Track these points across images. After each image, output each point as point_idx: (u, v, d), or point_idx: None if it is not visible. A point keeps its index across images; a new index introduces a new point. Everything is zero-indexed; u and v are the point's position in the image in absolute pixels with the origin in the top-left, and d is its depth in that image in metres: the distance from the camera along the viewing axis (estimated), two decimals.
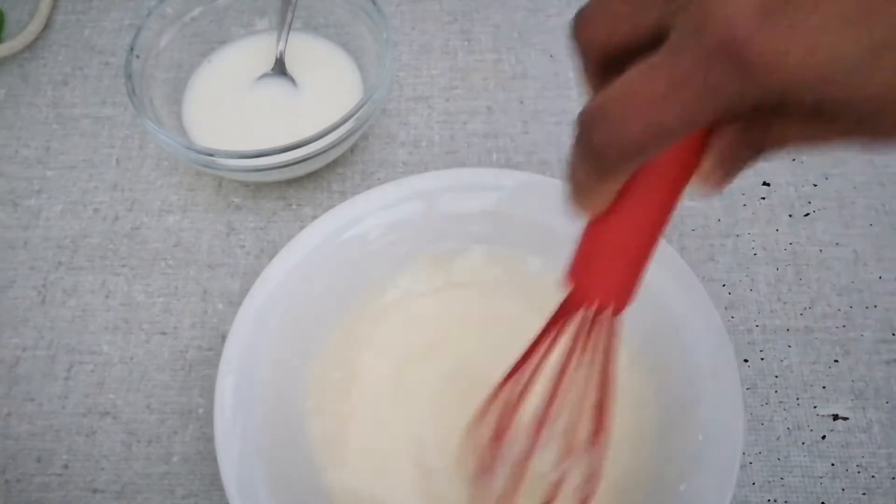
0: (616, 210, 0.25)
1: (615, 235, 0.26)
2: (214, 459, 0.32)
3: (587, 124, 0.21)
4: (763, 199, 0.44)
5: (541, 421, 0.30)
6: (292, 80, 0.47)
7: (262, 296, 0.36)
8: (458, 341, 0.39)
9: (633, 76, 0.20)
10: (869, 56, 0.17)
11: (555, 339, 0.29)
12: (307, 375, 0.37)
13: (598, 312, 0.27)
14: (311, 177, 0.46)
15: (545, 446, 0.31)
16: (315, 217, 0.38)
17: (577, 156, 0.22)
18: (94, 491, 0.37)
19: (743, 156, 0.23)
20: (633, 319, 0.37)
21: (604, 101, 0.20)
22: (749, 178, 0.45)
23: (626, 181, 0.23)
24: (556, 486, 0.31)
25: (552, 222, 0.38)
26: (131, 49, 0.43)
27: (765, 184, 0.45)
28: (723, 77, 0.18)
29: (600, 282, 0.27)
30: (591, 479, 0.31)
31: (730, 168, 0.24)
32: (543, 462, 0.32)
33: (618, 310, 0.27)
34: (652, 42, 0.20)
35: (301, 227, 0.38)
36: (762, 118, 0.20)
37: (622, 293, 0.27)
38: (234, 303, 0.42)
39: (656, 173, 0.24)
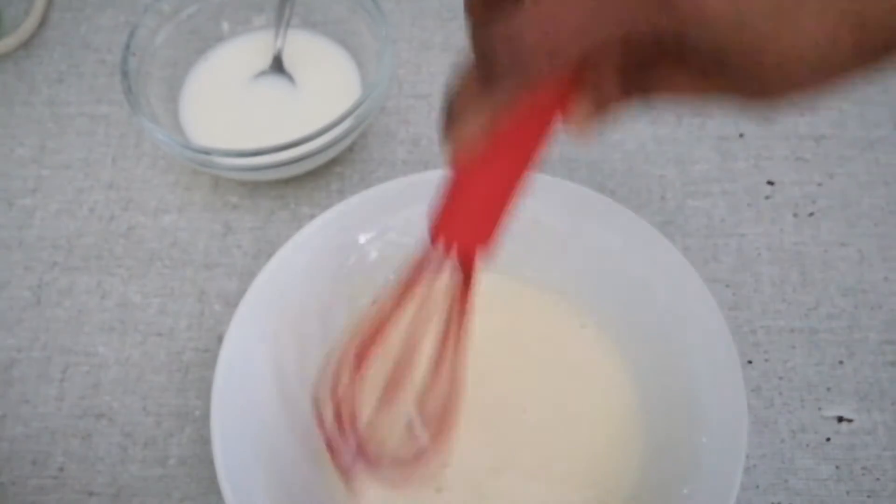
0: (484, 152, 0.25)
1: (479, 176, 0.26)
2: (211, 462, 0.32)
3: (506, 37, 0.21)
4: (767, 198, 0.44)
5: (392, 383, 0.31)
6: (290, 77, 0.46)
7: (260, 297, 0.36)
8: None
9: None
10: (793, 4, 0.18)
11: (411, 291, 0.30)
12: (306, 378, 0.36)
13: (459, 257, 0.28)
14: (310, 175, 0.45)
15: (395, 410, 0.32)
16: (313, 216, 0.38)
17: (474, 71, 0.23)
18: (90, 494, 0.37)
19: (615, 94, 0.24)
20: (635, 320, 0.37)
21: (521, 19, 0.21)
22: (753, 176, 0.44)
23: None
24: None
25: (553, 221, 0.38)
26: (127, 47, 0.43)
27: (769, 183, 0.44)
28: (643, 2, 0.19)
29: (461, 225, 0.27)
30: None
31: (600, 104, 0.24)
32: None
33: (475, 253, 0.28)
34: None
35: (299, 227, 0.37)
36: (653, 56, 0.22)
37: (482, 236, 0.27)
38: (231, 304, 0.41)
39: (526, 113, 0.24)
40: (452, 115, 0.25)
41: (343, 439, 0.32)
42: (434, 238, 0.28)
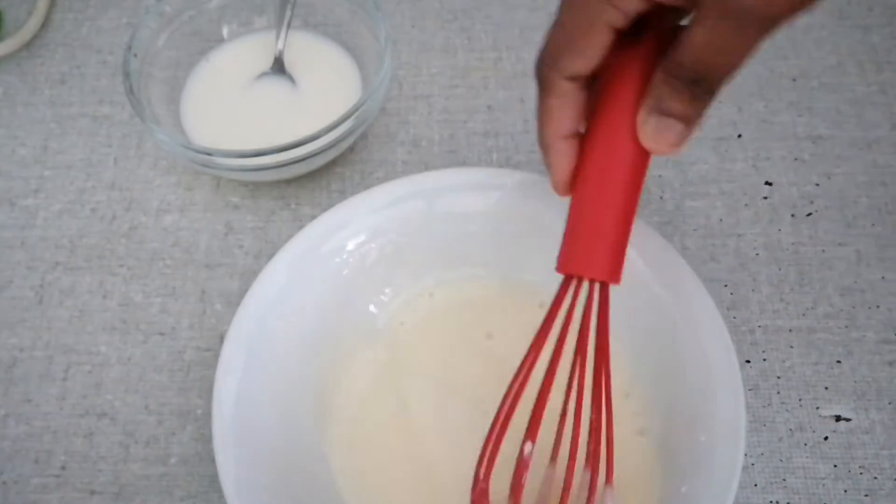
0: (586, 185, 0.29)
1: (592, 213, 0.29)
2: (213, 461, 0.32)
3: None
4: (765, 198, 0.44)
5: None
6: (291, 78, 0.46)
7: (261, 296, 0.36)
8: (458, 349, 0.39)
9: None
10: None
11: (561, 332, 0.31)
12: (307, 376, 0.36)
13: (591, 291, 0.30)
14: (311, 176, 0.45)
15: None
16: (314, 216, 0.38)
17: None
18: (92, 492, 0.37)
19: (676, 104, 0.27)
20: (634, 320, 0.37)
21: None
22: (751, 177, 0.45)
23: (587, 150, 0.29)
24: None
25: (553, 222, 0.38)
26: (129, 48, 0.43)
27: (767, 183, 0.44)
28: None
29: (587, 261, 0.30)
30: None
31: (666, 113, 0.27)
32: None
33: (606, 283, 0.30)
34: None
35: (300, 227, 0.38)
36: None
37: (609, 268, 0.30)
38: (233, 303, 0.41)
39: (606, 137, 0.28)
40: (541, 142, 0.30)
41: None
42: (565, 274, 0.30)
